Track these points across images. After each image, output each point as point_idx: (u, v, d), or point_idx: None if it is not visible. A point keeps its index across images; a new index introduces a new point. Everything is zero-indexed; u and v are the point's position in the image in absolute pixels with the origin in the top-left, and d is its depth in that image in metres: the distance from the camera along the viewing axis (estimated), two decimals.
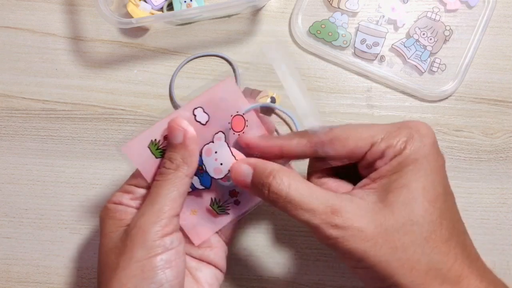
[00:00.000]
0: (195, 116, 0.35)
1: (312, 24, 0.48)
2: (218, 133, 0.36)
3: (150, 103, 0.47)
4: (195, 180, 0.36)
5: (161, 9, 0.48)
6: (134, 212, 0.34)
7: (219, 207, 0.37)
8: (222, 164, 0.35)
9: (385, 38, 0.48)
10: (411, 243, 0.29)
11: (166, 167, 0.34)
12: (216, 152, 0.35)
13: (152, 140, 0.34)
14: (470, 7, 0.48)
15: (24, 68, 0.48)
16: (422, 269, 0.29)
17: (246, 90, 0.46)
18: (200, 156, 0.35)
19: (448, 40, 0.48)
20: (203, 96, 0.35)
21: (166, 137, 0.34)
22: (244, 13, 0.49)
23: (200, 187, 0.36)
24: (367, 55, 0.48)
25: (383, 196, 0.30)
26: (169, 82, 0.48)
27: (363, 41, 0.48)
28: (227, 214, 0.38)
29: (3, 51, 0.48)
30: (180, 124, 0.34)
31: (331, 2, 0.48)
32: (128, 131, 0.47)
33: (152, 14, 0.47)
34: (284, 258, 0.45)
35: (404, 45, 0.48)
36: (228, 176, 0.35)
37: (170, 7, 0.48)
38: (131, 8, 0.46)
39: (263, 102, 0.45)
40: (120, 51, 0.48)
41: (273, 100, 0.45)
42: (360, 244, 0.29)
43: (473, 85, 0.48)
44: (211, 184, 0.36)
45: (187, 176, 0.34)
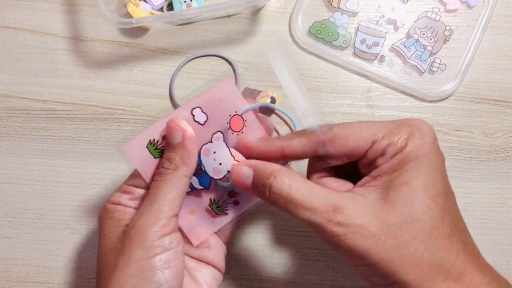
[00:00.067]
0: (193, 116, 0.35)
1: (312, 24, 0.48)
2: (216, 133, 0.36)
3: (150, 103, 0.47)
4: (194, 180, 0.36)
5: (161, 9, 0.48)
6: (133, 212, 0.34)
7: (218, 208, 0.37)
8: (221, 164, 0.35)
9: (385, 38, 0.48)
10: (413, 239, 0.29)
11: (165, 167, 0.34)
12: (215, 152, 0.35)
13: (150, 140, 0.34)
14: (470, 7, 0.48)
15: (24, 68, 0.48)
16: (425, 265, 0.29)
17: (246, 90, 0.46)
18: (199, 156, 0.35)
19: (448, 40, 0.48)
20: (201, 96, 0.35)
21: (165, 137, 0.34)
22: (244, 13, 0.49)
23: (199, 187, 0.36)
24: (367, 55, 0.47)
25: (385, 194, 0.30)
26: (169, 82, 0.48)
27: (363, 41, 0.48)
28: (226, 214, 0.38)
29: (3, 51, 0.48)
30: (178, 124, 0.34)
31: (331, 2, 0.48)
32: (128, 131, 0.47)
33: (152, 14, 0.47)
34: (284, 258, 0.45)
35: (404, 45, 0.47)
36: (227, 176, 0.35)
37: (170, 7, 0.48)
38: (131, 8, 0.46)
39: (263, 102, 0.45)
40: (120, 51, 0.48)
41: (273, 100, 0.45)
42: (363, 241, 0.29)
43: (473, 85, 0.48)
44: (210, 184, 0.36)
45: (186, 176, 0.34)
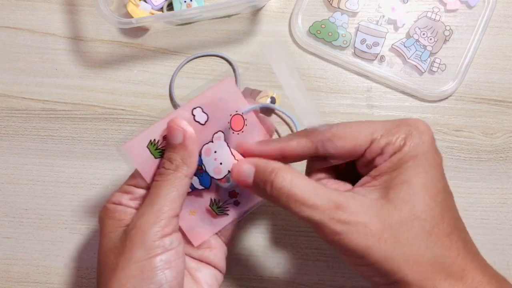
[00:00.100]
0: (194, 116, 0.35)
1: (312, 24, 0.48)
2: (217, 132, 0.36)
3: (150, 103, 0.47)
4: (194, 180, 0.36)
5: (161, 9, 0.48)
6: (133, 212, 0.34)
7: (218, 208, 0.37)
8: (221, 163, 0.35)
9: (385, 38, 0.48)
10: (415, 238, 0.29)
11: (165, 167, 0.33)
12: (216, 151, 0.35)
13: (151, 140, 0.34)
14: (470, 7, 0.48)
15: (24, 68, 0.48)
16: (426, 263, 0.29)
17: (246, 90, 0.46)
18: (200, 156, 0.35)
19: (448, 40, 0.48)
20: (202, 96, 0.35)
21: (165, 137, 0.34)
22: (244, 13, 0.49)
23: (200, 187, 0.36)
24: (367, 55, 0.48)
25: (385, 193, 0.30)
26: (169, 82, 0.48)
27: (363, 41, 0.48)
28: (227, 215, 0.38)
29: (3, 51, 0.48)
30: (179, 124, 0.33)
31: (331, 2, 0.48)
32: (128, 131, 0.47)
33: (152, 14, 0.47)
34: (284, 258, 0.45)
35: (404, 45, 0.47)
36: (227, 177, 0.35)
37: (170, 7, 0.48)
38: (131, 8, 0.46)
39: (263, 102, 0.45)
40: (120, 51, 0.48)
41: (273, 100, 0.45)
42: (365, 240, 0.29)
43: (473, 85, 0.48)
44: (210, 184, 0.36)
45: (187, 176, 0.34)
